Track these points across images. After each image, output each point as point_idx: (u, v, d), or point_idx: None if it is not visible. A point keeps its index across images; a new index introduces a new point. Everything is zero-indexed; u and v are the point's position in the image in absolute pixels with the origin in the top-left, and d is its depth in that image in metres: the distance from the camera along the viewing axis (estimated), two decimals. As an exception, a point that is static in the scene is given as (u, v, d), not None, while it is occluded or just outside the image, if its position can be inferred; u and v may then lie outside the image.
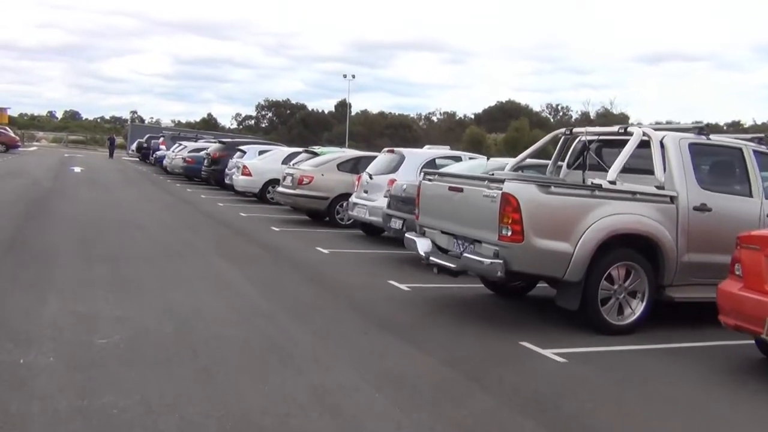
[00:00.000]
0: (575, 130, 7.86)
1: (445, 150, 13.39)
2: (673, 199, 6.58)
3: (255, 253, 9.97)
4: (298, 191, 13.88)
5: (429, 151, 12.91)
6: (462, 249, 6.71)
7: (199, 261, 8.92)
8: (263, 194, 18.26)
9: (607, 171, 7.06)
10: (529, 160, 8.84)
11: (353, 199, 12.38)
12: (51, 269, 7.73)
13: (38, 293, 6.50)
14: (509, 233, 5.99)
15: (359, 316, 6.55)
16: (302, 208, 14.45)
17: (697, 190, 6.68)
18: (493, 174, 7.78)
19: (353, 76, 68.36)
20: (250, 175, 18.42)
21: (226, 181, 20.52)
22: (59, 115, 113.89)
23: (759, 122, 59.02)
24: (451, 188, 6.82)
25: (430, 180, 7.30)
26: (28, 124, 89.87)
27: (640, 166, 6.96)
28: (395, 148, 12.80)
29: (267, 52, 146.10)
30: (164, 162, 30.49)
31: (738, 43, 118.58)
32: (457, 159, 12.25)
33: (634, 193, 6.44)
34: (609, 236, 6.20)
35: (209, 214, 15.05)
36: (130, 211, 14.43)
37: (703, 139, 6.99)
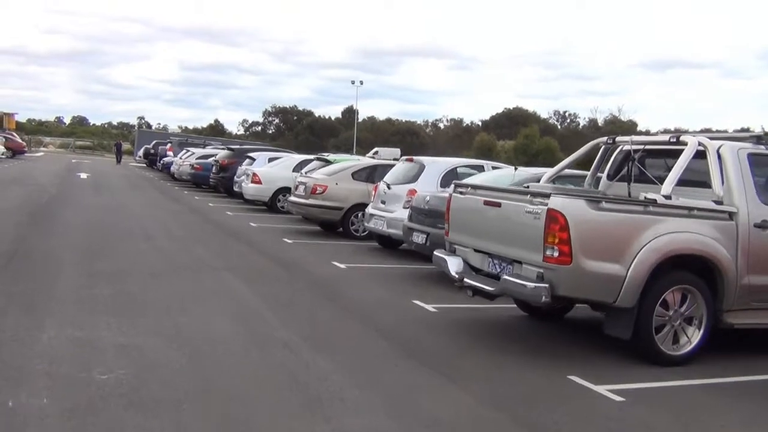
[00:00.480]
0: (618, 138, 7.25)
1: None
2: (732, 216, 5.97)
3: (268, 268, 9.38)
4: (311, 201, 13.31)
5: (450, 160, 12.32)
6: (499, 269, 6.11)
7: (209, 277, 8.33)
8: (273, 203, 17.71)
9: (655, 183, 6.50)
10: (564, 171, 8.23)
11: (370, 209, 11.79)
12: (51, 286, 7.17)
13: (35, 315, 5.94)
14: (556, 254, 5.39)
15: (386, 343, 5.95)
16: (315, 218, 13.87)
17: (758, 206, 6.07)
18: (528, 186, 7.21)
19: (361, 83, 67.79)
20: (260, 182, 17.88)
21: (235, 188, 20.00)
22: (67, 120, 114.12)
23: (769, 130, 58.22)
24: (486, 202, 6.22)
25: (461, 193, 6.70)
26: (36, 129, 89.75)
27: (691, 178, 6.36)
28: (414, 157, 12.20)
29: (274, 58, 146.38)
30: (171, 168, 30.04)
31: (743, 50, 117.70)
32: (480, 168, 11.65)
33: (690, 209, 5.83)
34: (665, 257, 5.59)
35: (218, 224, 14.49)
36: (137, 221, 13.88)
37: (762, 149, 6.37)
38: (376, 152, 45.79)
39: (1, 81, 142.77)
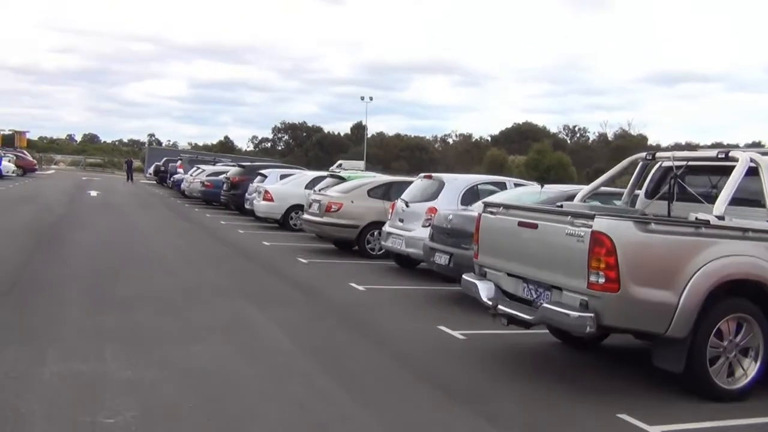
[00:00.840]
0: (658, 154, 6.81)
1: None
2: (788, 237, 5.49)
3: (284, 291, 8.94)
4: (326, 219, 12.90)
5: (471, 177, 11.89)
6: (535, 296, 5.66)
7: (223, 303, 7.89)
8: (286, 220, 17.31)
9: (700, 202, 6.06)
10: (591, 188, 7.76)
11: (387, 228, 11.36)
12: (55, 315, 6.76)
13: (37, 347, 5.52)
14: (602, 280, 4.93)
15: (415, 377, 5.49)
16: (330, 237, 13.46)
17: (815, 226, 5.59)
18: (561, 206, 6.78)
19: (371, 99, 67.66)
20: (272, 200, 17.49)
21: (246, 206, 19.64)
22: (78, 138, 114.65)
23: (778, 143, 57.57)
24: (521, 224, 5.78)
25: (492, 213, 6.26)
26: (47, 147, 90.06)
27: (740, 196, 5.89)
28: (433, 173, 11.77)
29: (283, 75, 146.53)
30: (182, 186, 29.76)
31: (752, 63, 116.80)
32: (502, 185, 11.20)
33: (745, 230, 5.37)
34: (719, 283, 5.13)
35: (230, 243, 14.09)
36: (147, 241, 13.51)
37: (817, 165, 5.90)
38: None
39: (14, 99, 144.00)
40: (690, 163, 6.52)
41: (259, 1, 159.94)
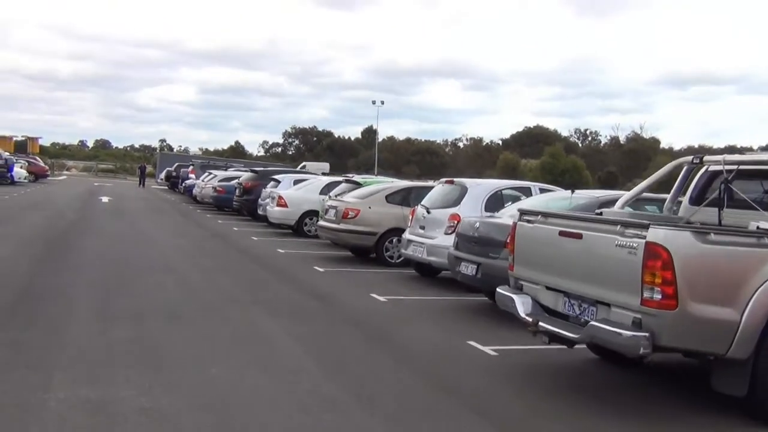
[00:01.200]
0: (706, 158, 6.36)
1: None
2: None
3: (303, 303, 8.52)
4: (342, 226, 12.50)
5: (494, 182, 11.47)
6: (579, 311, 5.22)
7: (240, 316, 7.49)
8: (300, 227, 16.95)
9: (753, 209, 5.64)
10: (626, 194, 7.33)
11: (407, 235, 10.96)
12: (63, 330, 6.38)
13: (43, 369, 5.13)
14: (658, 297, 4.49)
15: (450, 399, 5.06)
16: (347, 244, 13.06)
17: None
18: (600, 213, 6.35)
19: (382, 103, 67.35)
20: (285, 206, 17.14)
21: (259, 212, 19.30)
22: (90, 144, 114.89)
23: (798, 146, 56.53)
24: (563, 233, 5.34)
25: (529, 221, 5.84)
26: (59, 153, 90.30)
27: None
28: (455, 179, 11.37)
29: (293, 80, 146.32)
30: (194, 191, 29.49)
31: (764, 65, 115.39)
32: (527, 191, 10.77)
33: (809, 240, 4.92)
34: (786, 299, 4.68)
35: (244, 251, 13.72)
36: (159, 249, 13.15)
37: None
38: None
39: (27, 106, 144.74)
40: (741, 167, 6.07)
41: (269, 6, 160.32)
